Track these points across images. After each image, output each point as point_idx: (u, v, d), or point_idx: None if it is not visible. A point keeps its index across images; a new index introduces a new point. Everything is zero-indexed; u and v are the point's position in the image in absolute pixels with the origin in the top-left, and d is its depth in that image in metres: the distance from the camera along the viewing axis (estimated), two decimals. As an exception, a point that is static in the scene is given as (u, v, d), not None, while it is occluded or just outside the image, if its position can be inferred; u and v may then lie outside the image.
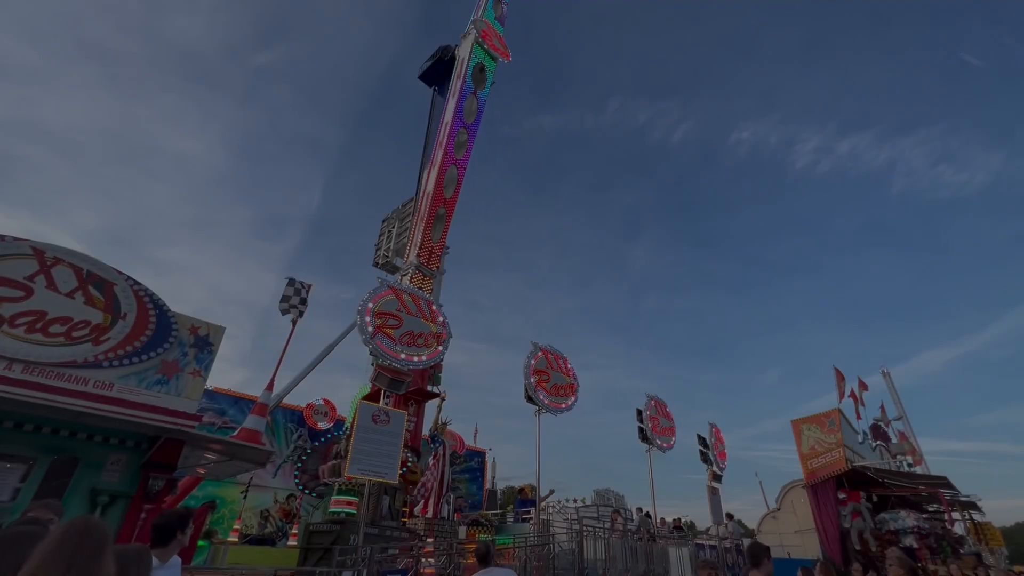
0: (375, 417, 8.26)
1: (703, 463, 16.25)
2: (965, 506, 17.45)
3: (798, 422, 19.61)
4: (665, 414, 15.71)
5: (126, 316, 5.95)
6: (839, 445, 17.84)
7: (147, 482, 5.66)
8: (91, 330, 5.65)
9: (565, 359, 12.81)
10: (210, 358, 6.60)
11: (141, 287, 6.22)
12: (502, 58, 24.39)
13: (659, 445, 14.25)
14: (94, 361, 5.58)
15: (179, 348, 6.31)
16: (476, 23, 23.73)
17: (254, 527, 19.41)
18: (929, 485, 16.81)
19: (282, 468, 21.02)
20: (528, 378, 11.24)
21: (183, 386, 6.20)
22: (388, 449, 8.34)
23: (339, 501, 9.44)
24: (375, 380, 9.97)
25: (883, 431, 23.54)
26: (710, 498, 15.10)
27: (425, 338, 9.91)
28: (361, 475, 8.09)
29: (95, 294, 5.82)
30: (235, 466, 7.58)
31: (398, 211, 20.24)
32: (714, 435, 16.91)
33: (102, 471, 5.49)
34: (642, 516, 13.95)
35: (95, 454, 5.53)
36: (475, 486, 28.54)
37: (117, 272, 6.11)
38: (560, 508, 18.35)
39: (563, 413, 11.95)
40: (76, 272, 5.75)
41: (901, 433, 26.08)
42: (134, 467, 5.71)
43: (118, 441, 5.70)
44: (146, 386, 5.91)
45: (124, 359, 5.79)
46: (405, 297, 10.04)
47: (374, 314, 9.21)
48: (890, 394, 29.72)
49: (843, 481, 17.13)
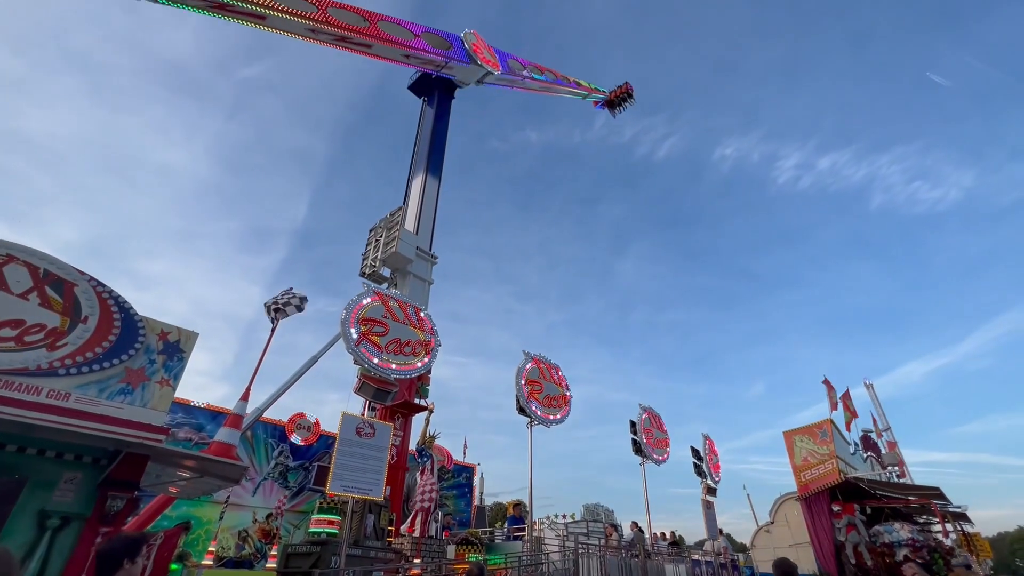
0: (359, 430, 7.80)
1: (697, 476, 15.92)
2: (956, 517, 17.36)
3: (790, 433, 19.45)
4: (659, 426, 15.40)
5: (87, 319, 5.47)
6: (832, 456, 17.68)
7: (105, 502, 5.13)
8: (46, 334, 5.16)
9: (557, 368, 12.46)
10: (180, 366, 6.12)
11: (105, 289, 5.75)
12: (492, 69, 24.43)
13: (653, 458, 13.90)
14: (48, 368, 5.08)
15: (146, 355, 5.82)
16: (467, 36, 23.79)
17: (231, 549, 18.54)
18: (922, 496, 16.68)
19: (262, 485, 20.22)
20: (520, 388, 10.85)
21: (149, 396, 5.70)
22: (373, 464, 7.88)
23: (320, 520, 8.87)
24: (359, 391, 9.50)
25: (873, 442, 23.55)
26: (705, 512, 14.74)
27: (413, 346, 9.49)
28: (344, 492, 7.61)
29: (52, 295, 5.34)
30: (207, 483, 7.02)
31: (386, 220, 19.86)
32: (707, 447, 16.62)
33: (54, 491, 4.96)
34: (637, 531, 13.53)
35: (46, 472, 5.00)
36: (463, 502, 27.80)
37: (79, 272, 5.64)
38: (550, 524, 17.82)
39: (555, 425, 11.56)
40: (31, 271, 5.27)
41: (890, 444, 26.13)
42: (90, 486, 5.18)
43: (73, 457, 5.17)
44: (108, 396, 5.40)
45: (83, 366, 5.29)
46: (392, 303, 9.63)
47: (359, 321, 8.79)
48: (874, 406, 29.88)
49: (836, 493, 16.94)
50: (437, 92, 24.01)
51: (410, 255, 17.92)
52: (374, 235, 19.43)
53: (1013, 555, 58.95)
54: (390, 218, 19.43)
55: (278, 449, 20.97)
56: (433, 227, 20.74)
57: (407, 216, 19.58)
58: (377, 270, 17.81)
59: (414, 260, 18.15)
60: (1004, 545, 67.04)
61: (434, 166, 21.89)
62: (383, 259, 17.74)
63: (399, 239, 17.46)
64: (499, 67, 24.49)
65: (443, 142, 23.16)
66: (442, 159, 22.73)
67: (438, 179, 21.95)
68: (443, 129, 23.48)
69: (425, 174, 21.21)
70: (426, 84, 24.73)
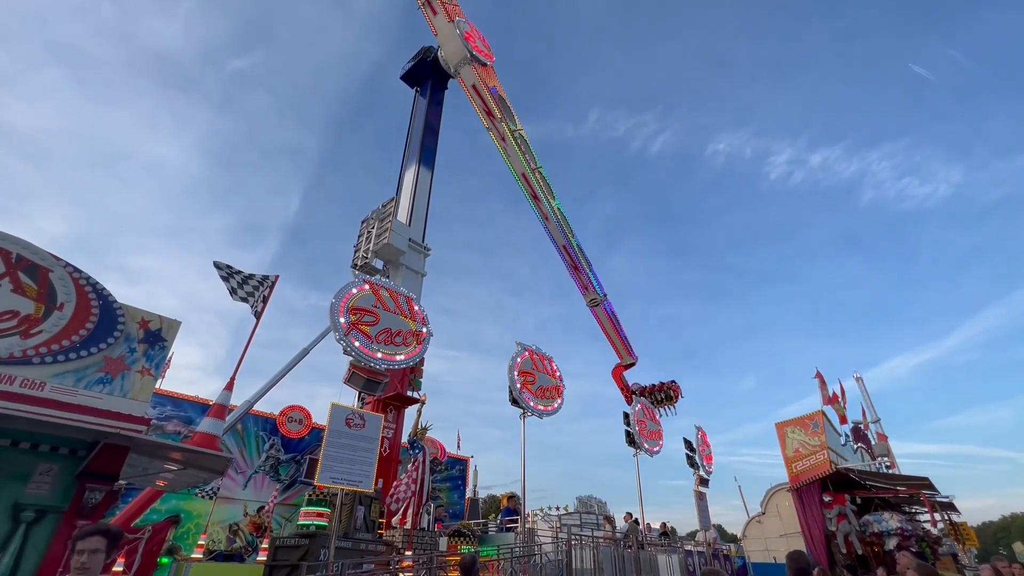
0: (348, 421, 7.67)
1: (689, 467, 15.96)
2: (944, 507, 17.56)
3: (782, 425, 19.54)
4: (652, 417, 15.40)
5: (63, 306, 5.27)
6: (823, 447, 17.79)
7: (83, 495, 4.97)
8: (19, 321, 4.96)
9: (551, 360, 12.37)
10: (163, 355, 5.94)
11: (82, 275, 5.55)
12: (485, 59, 24.09)
13: (647, 449, 13.89)
14: (22, 357, 4.89)
15: (126, 343, 5.63)
16: (459, 24, 23.41)
17: (222, 542, 18.41)
18: (911, 487, 16.84)
19: (253, 478, 20.07)
20: (513, 378, 10.75)
21: (129, 386, 5.52)
22: (363, 456, 7.76)
23: (309, 513, 8.74)
24: (349, 381, 9.36)
25: (863, 433, 23.75)
26: (697, 503, 14.79)
27: (404, 336, 9.35)
28: (333, 484, 7.49)
29: (26, 281, 5.14)
30: (192, 475, 6.86)
31: (378, 212, 19.60)
32: (700, 438, 16.66)
33: (28, 483, 4.79)
34: (631, 523, 13.53)
35: (21, 463, 4.82)
36: (456, 495, 27.80)
37: (54, 258, 5.44)
38: (544, 516, 17.83)
39: (548, 416, 11.49)
40: (3, 256, 5.06)
41: (880, 435, 26.39)
42: (68, 478, 5.01)
43: (49, 448, 5.00)
44: (85, 385, 5.23)
45: (59, 355, 5.11)
46: (382, 292, 9.47)
47: (348, 310, 8.63)
48: (863, 399, 30.18)
49: (827, 484, 17.06)
50: (430, 82, 23.70)
51: (403, 247, 17.73)
52: (366, 226, 19.18)
53: (997, 544, 60.15)
54: (382, 209, 19.18)
55: (269, 442, 20.81)
56: (426, 219, 20.53)
57: (400, 207, 19.35)
58: (369, 261, 17.60)
59: (407, 252, 17.96)
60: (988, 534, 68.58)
61: (427, 157, 21.63)
62: (375, 250, 17.53)
63: (391, 230, 17.26)
64: (491, 57, 24.17)
65: (436, 132, 22.88)
66: (435, 150, 22.47)
67: (431, 170, 21.70)
68: (436, 119, 23.19)
69: (418, 165, 20.96)
70: (419, 74, 24.42)
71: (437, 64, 23.37)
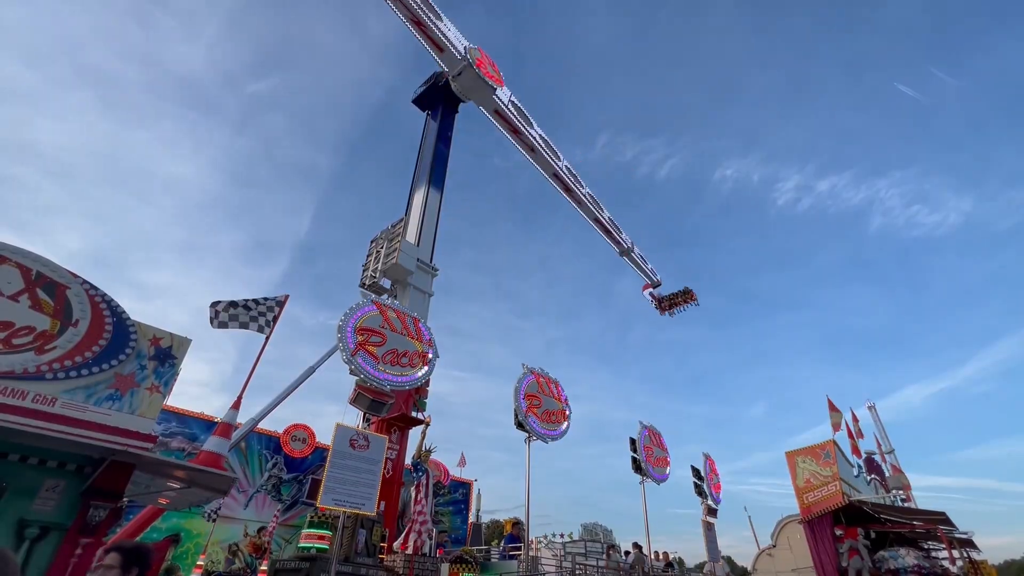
0: (352, 441, 7.63)
1: (697, 496, 15.60)
2: (962, 543, 16.92)
3: (792, 454, 19.08)
4: (659, 443, 15.14)
5: (78, 323, 5.37)
6: (835, 478, 17.31)
7: (87, 512, 4.96)
8: (35, 337, 5.05)
9: (557, 383, 12.29)
10: (172, 372, 6.00)
11: (98, 292, 5.66)
12: (496, 84, 24.65)
13: (653, 476, 13.63)
14: (36, 372, 4.97)
15: (137, 360, 5.70)
16: (470, 51, 24.05)
17: (221, 563, 18.13)
18: (928, 521, 16.28)
19: (255, 498, 19.87)
20: (519, 402, 10.67)
21: (138, 403, 5.57)
22: (366, 477, 7.69)
23: (310, 535, 8.62)
24: (355, 401, 9.34)
25: (877, 464, 23.12)
26: (705, 533, 14.40)
27: (410, 357, 9.37)
28: (335, 506, 7.41)
29: (44, 297, 5.25)
30: (195, 494, 6.84)
31: (387, 232, 19.87)
32: (708, 466, 16.32)
33: (34, 499, 4.80)
34: (637, 552, 13.18)
35: (28, 479, 4.84)
36: (459, 519, 27.27)
37: (72, 275, 5.56)
38: (548, 543, 17.42)
39: (554, 440, 11.35)
40: (23, 272, 5.19)
41: (894, 467, 25.68)
42: (73, 495, 5.01)
43: (57, 464, 5.02)
44: (95, 402, 5.28)
45: (71, 371, 5.18)
46: (390, 313, 9.53)
47: (356, 330, 8.68)
48: (876, 428, 29.47)
49: (840, 516, 16.55)
50: (441, 106, 24.26)
51: (410, 267, 17.86)
52: (375, 246, 19.40)
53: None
54: (391, 229, 19.43)
55: (272, 461, 20.65)
56: (434, 240, 20.73)
57: (408, 228, 19.59)
58: (377, 281, 17.75)
59: (414, 272, 18.09)
60: (1011, 573, 65.60)
61: (436, 179, 21.97)
62: (383, 270, 17.69)
63: (400, 250, 17.43)
64: (502, 83, 24.75)
65: (446, 155, 23.31)
66: (444, 172, 22.84)
67: (440, 192, 22.01)
68: (446, 142, 23.65)
69: (427, 187, 21.28)
70: (430, 98, 25.03)
71: (448, 89, 23.97)
